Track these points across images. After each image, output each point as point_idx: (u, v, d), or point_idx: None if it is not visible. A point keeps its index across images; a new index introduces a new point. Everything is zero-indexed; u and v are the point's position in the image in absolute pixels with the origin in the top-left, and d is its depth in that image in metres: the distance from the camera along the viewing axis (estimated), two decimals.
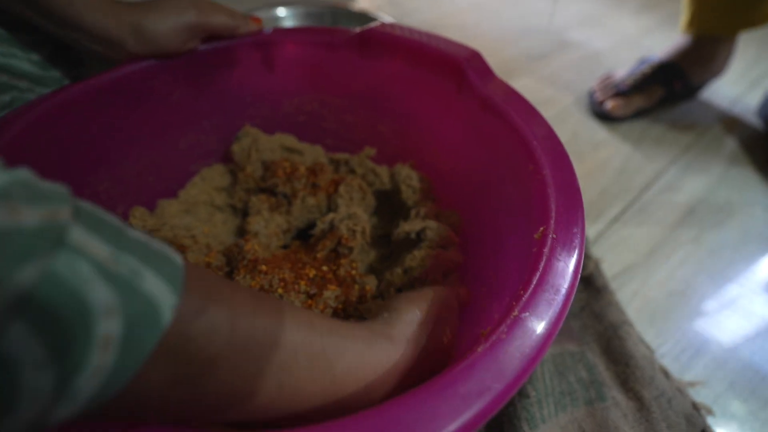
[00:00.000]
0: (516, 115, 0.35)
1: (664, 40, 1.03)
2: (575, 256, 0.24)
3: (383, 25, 0.46)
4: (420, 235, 0.41)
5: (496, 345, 0.20)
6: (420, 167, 0.49)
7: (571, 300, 0.22)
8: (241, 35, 0.48)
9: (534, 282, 0.22)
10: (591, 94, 0.83)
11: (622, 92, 0.79)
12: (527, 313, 0.21)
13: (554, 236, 0.24)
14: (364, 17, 0.72)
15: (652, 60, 0.82)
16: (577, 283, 0.22)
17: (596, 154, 0.73)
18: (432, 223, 0.41)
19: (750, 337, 0.50)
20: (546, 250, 0.24)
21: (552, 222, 0.25)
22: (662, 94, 0.81)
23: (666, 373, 0.44)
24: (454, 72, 0.42)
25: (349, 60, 0.49)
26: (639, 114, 0.81)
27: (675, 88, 0.81)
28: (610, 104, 0.78)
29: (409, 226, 0.42)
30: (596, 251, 0.57)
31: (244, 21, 0.47)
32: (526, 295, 0.22)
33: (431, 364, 0.28)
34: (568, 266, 0.23)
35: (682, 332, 0.50)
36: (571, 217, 0.25)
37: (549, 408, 0.40)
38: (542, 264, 0.23)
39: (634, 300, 0.53)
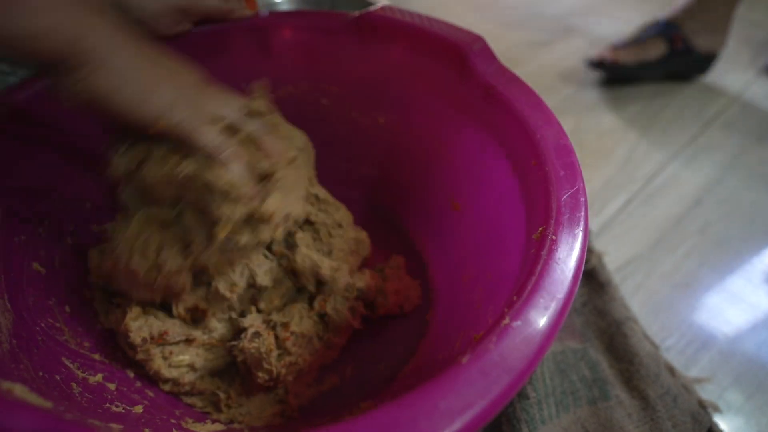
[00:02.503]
0: (520, 105, 0.33)
1: None
2: (575, 259, 0.22)
3: (383, 8, 0.45)
4: None
5: (482, 356, 0.18)
6: (418, 158, 0.48)
7: (569, 307, 0.20)
8: (235, 19, 0.46)
9: (529, 287, 0.21)
10: (589, 61, 0.83)
11: (622, 46, 0.81)
12: (519, 322, 0.19)
13: (553, 238, 0.23)
14: (364, 1, 0.71)
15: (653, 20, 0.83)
16: (576, 289, 0.21)
17: (600, 143, 0.71)
18: None
19: (756, 330, 0.49)
20: (544, 252, 0.22)
21: (552, 222, 0.24)
22: (664, 50, 0.80)
23: (671, 370, 0.43)
24: (456, 58, 0.40)
25: (347, 45, 0.47)
26: (642, 68, 0.81)
27: (676, 45, 0.80)
28: (609, 53, 0.80)
29: None
30: (600, 243, 0.56)
31: (238, 4, 0.46)
32: (519, 302, 0.20)
33: None
34: (566, 271, 0.21)
35: (688, 325, 0.49)
36: (573, 217, 0.24)
37: (550, 409, 0.39)
38: (539, 267, 0.22)
39: (639, 293, 0.52)
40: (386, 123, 0.49)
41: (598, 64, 0.81)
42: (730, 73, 0.86)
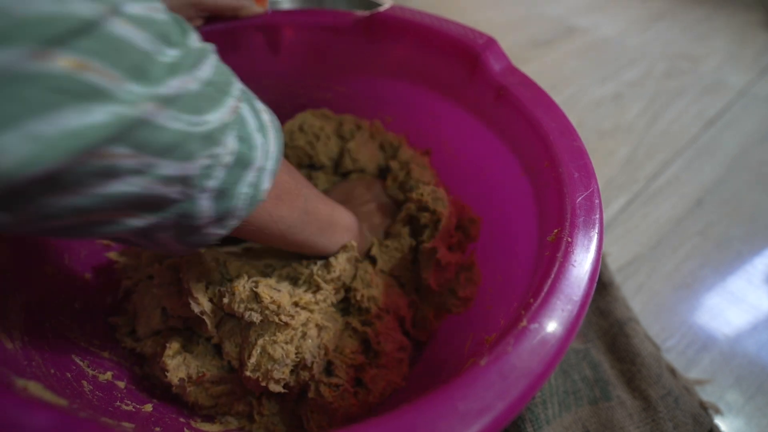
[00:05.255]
0: (532, 106, 0.33)
1: (673, 25, 1.01)
2: (591, 262, 0.22)
3: (392, 8, 0.44)
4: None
5: (501, 358, 0.18)
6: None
7: (586, 310, 0.20)
8: (246, 17, 0.46)
9: (545, 289, 0.21)
10: None
11: None
12: (536, 324, 0.19)
13: (569, 240, 0.23)
14: (365, 1, 0.70)
15: None
16: (592, 292, 0.21)
17: (602, 144, 0.71)
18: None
19: (757, 330, 0.49)
20: (560, 254, 0.22)
21: (567, 225, 0.24)
22: None
23: (673, 372, 0.43)
24: (469, 59, 0.40)
25: (356, 45, 0.47)
26: None
27: None
28: None
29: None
30: None
31: (248, 2, 0.46)
32: (536, 304, 0.20)
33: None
34: (583, 273, 0.21)
35: (688, 326, 0.49)
36: (589, 220, 0.24)
37: (553, 408, 0.39)
38: (555, 270, 0.21)
39: (640, 293, 0.52)
40: (394, 122, 0.49)
41: None
42: (732, 73, 0.86)
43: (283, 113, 0.52)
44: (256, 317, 0.33)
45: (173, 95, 0.19)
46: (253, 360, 0.33)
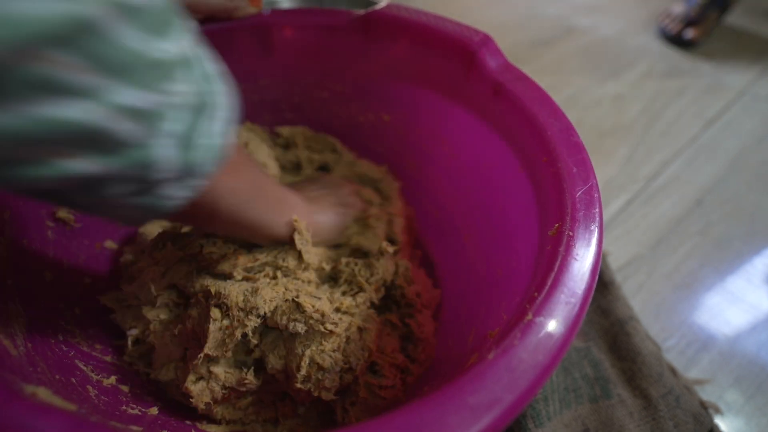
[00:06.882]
0: (530, 102, 0.33)
1: None
2: (593, 255, 0.22)
3: (389, 6, 0.44)
4: None
5: (508, 352, 0.18)
6: (425, 156, 0.48)
7: (589, 303, 0.20)
8: (240, 17, 0.46)
9: (549, 283, 0.21)
10: (663, 28, 0.96)
11: (694, 22, 0.92)
12: (542, 317, 0.19)
13: (570, 234, 0.23)
14: (364, 0, 0.70)
15: None
16: (595, 285, 0.21)
17: (602, 143, 0.71)
18: None
19: (756, 330, 0.49)
20: (561, 248, 0.22)
21: (568, 219, 0.24)
22: (717, 17, 0.94)
23: (673, 371, 0.43)
24: (464, 56, 0.40)
25: (352, 43, 0.47)
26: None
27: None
28: (690, 33, 0.92)
29: None
30: None
31: (242, 2, 0.45)
32: (540, 298, 0.20)
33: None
34: (585, 267, 0.21)
35: (688, 326, 0.49)
36: (589, 214, 0.24)
37: (555, 405, 0.39)
38: (558, 264, 0.22)
39: (640, 293, 0.52)
40: (392, 120, 0.49)
41: (675, 39, 0.95)
42: (731, 73, 0.86)
43: (280, 112, 0.52)
44: (300, 327, 0.33)
45: (136, 5, 0.16)
46: (303, 372, 0.32)
